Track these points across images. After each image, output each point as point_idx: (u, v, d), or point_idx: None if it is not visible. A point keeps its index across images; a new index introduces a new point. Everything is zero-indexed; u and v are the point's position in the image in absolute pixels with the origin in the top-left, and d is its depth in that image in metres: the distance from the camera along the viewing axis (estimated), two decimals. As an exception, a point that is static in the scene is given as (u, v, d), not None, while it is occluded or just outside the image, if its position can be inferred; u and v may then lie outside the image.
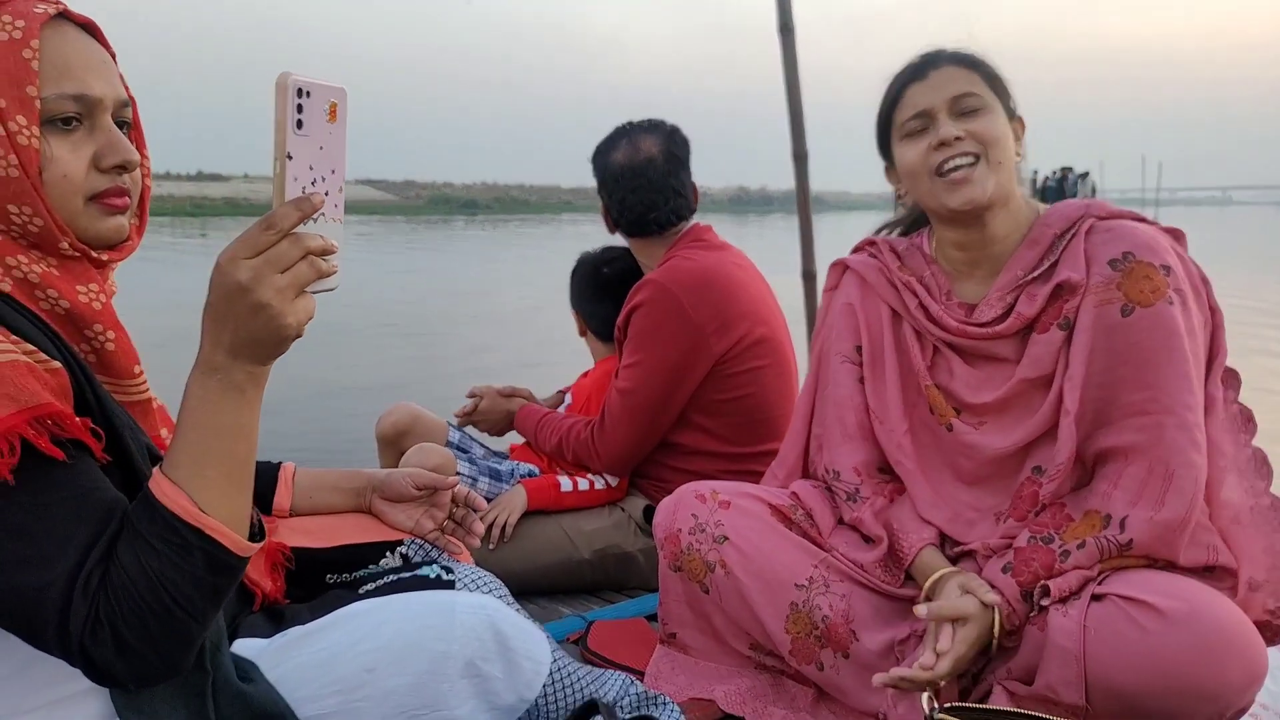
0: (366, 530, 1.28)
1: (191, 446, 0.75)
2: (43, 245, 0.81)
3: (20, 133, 0.77)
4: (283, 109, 0.72)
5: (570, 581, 1.86)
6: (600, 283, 2.05)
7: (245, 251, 0.71)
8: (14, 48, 0.77)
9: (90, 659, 0.72)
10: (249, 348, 0.73)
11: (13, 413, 0.69)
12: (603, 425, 1.83)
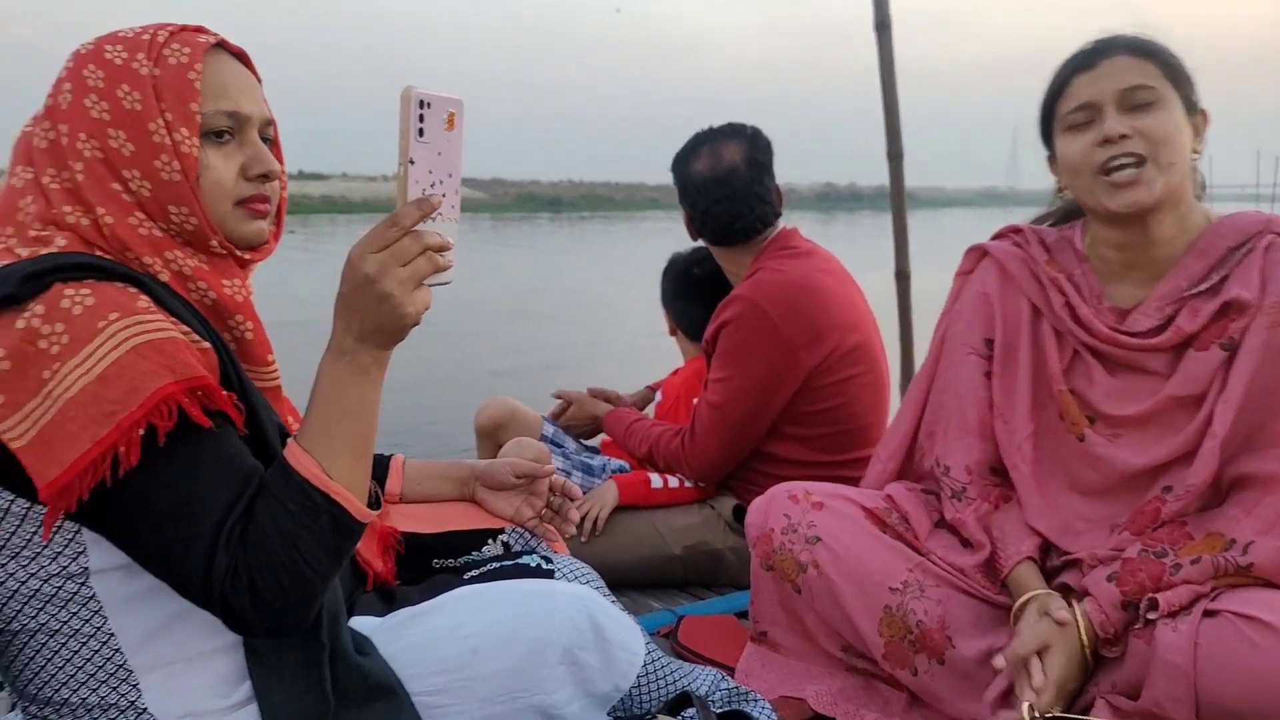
0: (470, 517, 1.33)
1: (321, 420, 0.83)
2: (195, 243, 0.90)
3: (183, 143, 0.86)
4: (406, 118, 0.79)
5: (660, 576, 1.89)
6: (690, 282, 2.06)
7: (372, 247, 0.79)
8: (181, 71, 0.87)
9: (229, 607, 0.78)
10: (374, 334, 0.81)
11: (171, 382, 0.76)
12: (693, 436, 1.85)
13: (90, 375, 0.74)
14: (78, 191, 0.85)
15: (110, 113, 0.85)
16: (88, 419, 0.74)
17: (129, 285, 0.80)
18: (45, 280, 0.76)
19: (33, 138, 0.88)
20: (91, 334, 0.75)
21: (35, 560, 0.81)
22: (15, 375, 0.74)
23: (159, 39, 0.88)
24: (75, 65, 0.88)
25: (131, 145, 0.86)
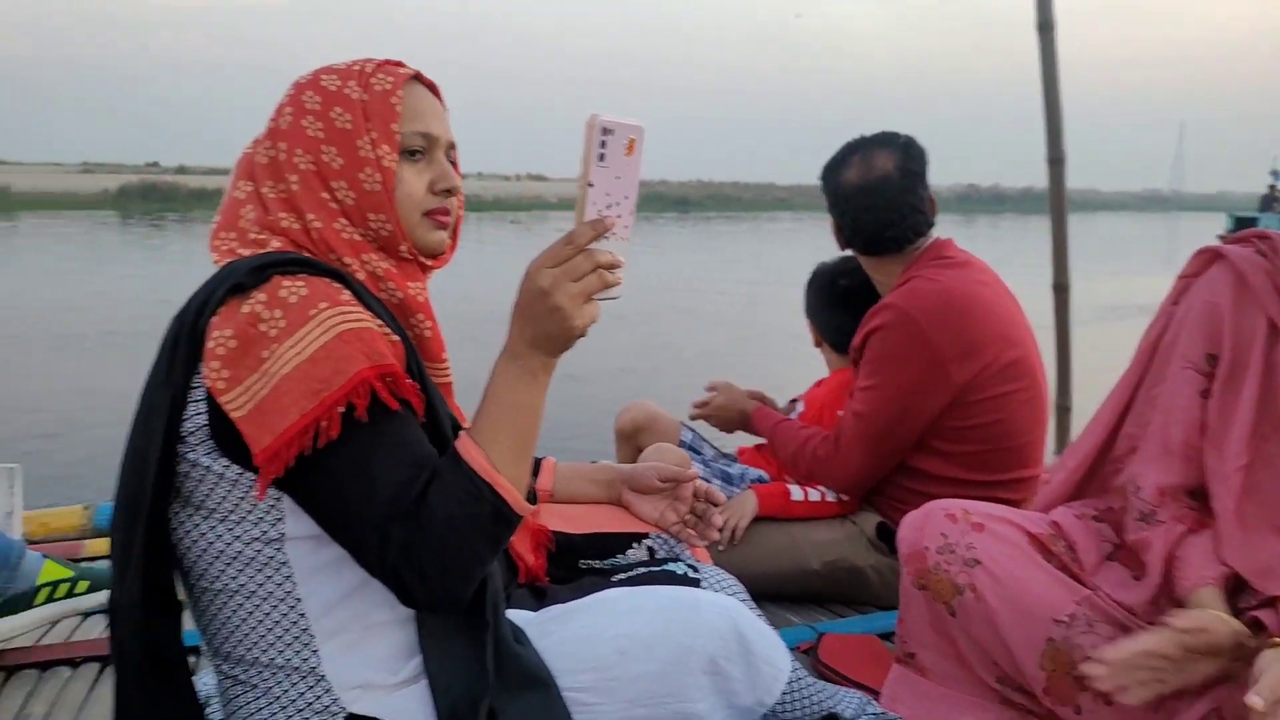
0: (616, 520, 1.35)
1: (491, 416, 0.89)
2: (387, 247, 0.99)
3: (384, 158, 0.97)
4: (589, 143, 0.85)
5: (797, 590, 1.86)
6: (837, 293, 2.02)
7: (549, 262, 0.85)
8: (385, 96, 0.98)
9: (400, 578, 0.84)
10: (544, 342, 0.87)
11: (368, 366, 0.84)
12: (837, 445, 1.81)
13: (302, 355, 0.82)
14: (292, 200, 0.96)
15: (324, 131, 0.96)
16: (298, 394, 0.82)
17: (334, 280, 0.89)
18: (266, 272, 0.86)
19: (255, 156, 1.00)
20: (304, 320, 0.84)
21: (240, 524, 0.90)
22: (239, 353, 0.83)
23: (367, 69, 0.99)
24: (295, 92, 1.00)
25: (341, 159, 0.96)
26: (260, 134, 1.02)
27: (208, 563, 0.92)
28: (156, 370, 0.90)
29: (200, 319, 0.87)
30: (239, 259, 0.91)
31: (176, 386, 0.87)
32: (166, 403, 0.87)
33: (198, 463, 0.88)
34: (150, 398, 0.89)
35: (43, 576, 1.50)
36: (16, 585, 1.46)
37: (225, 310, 0.86)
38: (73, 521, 2.38)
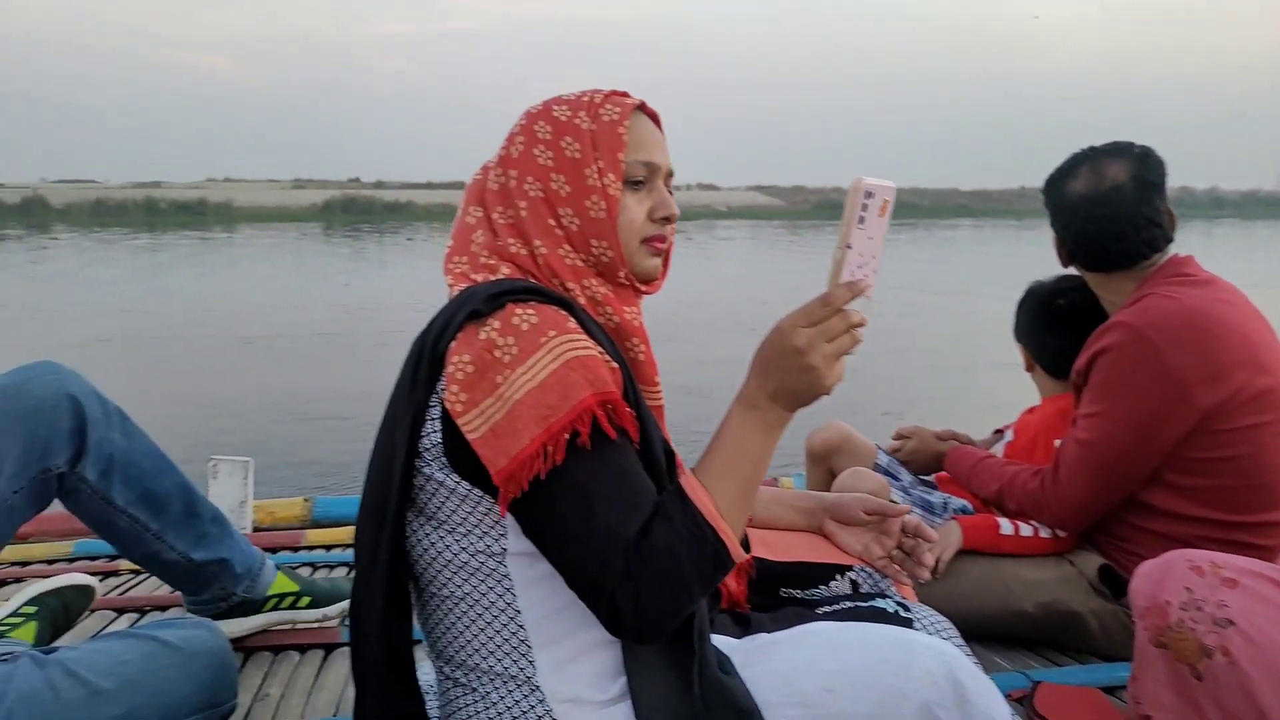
0: (818, 550, 1.31)
1: (721, 461, 0.91)
2: (607, 273, 1.02)
3: (610, 186, 1.00)
4: (852, 207, 0.86)
5: (1005, 632, 1.73)
6: (1054, 314, 1.87)
7: (804, 321, 0.87)
8: (613, 126, 1.02)
9: (614, 605, 0.85)
10: (787, 397, 0.90)
11: (590, 394, 0.87)
12: (1055, 477, 1.67)
13: (534, 382, 0.86)
14: (520, 226, 1.00)
15: (554, 160, 1.00)
16: (529, 419, 0.85)
17: (561, 307, 0.92)
18: (500, 300, 0.90)
19: (486, 182, 1.05)
20: (535, 347, 0.87)
21: (466, 536, 0.94)
22: (476, 378, 0.87)
23: (595, 100, 1.03)
24: (527, 122, 1.04)
25: (568, 187, 1.00)
26: (491, 161, 1.07)
27: (436, 570, 0.97)
28: (400, 387, 0.95)
29: (440, 342, 0.91)
30: (474, 285, 0.96)
31: (417, 404, 0.92)
32: (408, 419, 0.92)
33: (432, 476, 0.93)
34: (394, 412, 0.95)
35: (273, 588, 1.64)
36: (251, 594, 1.60)
37: (463, 336, 0.90)
38: (295, 512, 2.61)
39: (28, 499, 1.30)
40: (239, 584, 1.57)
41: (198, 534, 1.50)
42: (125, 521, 1.42)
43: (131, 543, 1.46)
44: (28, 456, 1.28)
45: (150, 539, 1.45)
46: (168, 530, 1.46)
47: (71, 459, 1.34)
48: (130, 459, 1.41)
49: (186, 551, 1.49)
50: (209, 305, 13.03)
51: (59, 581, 1.62)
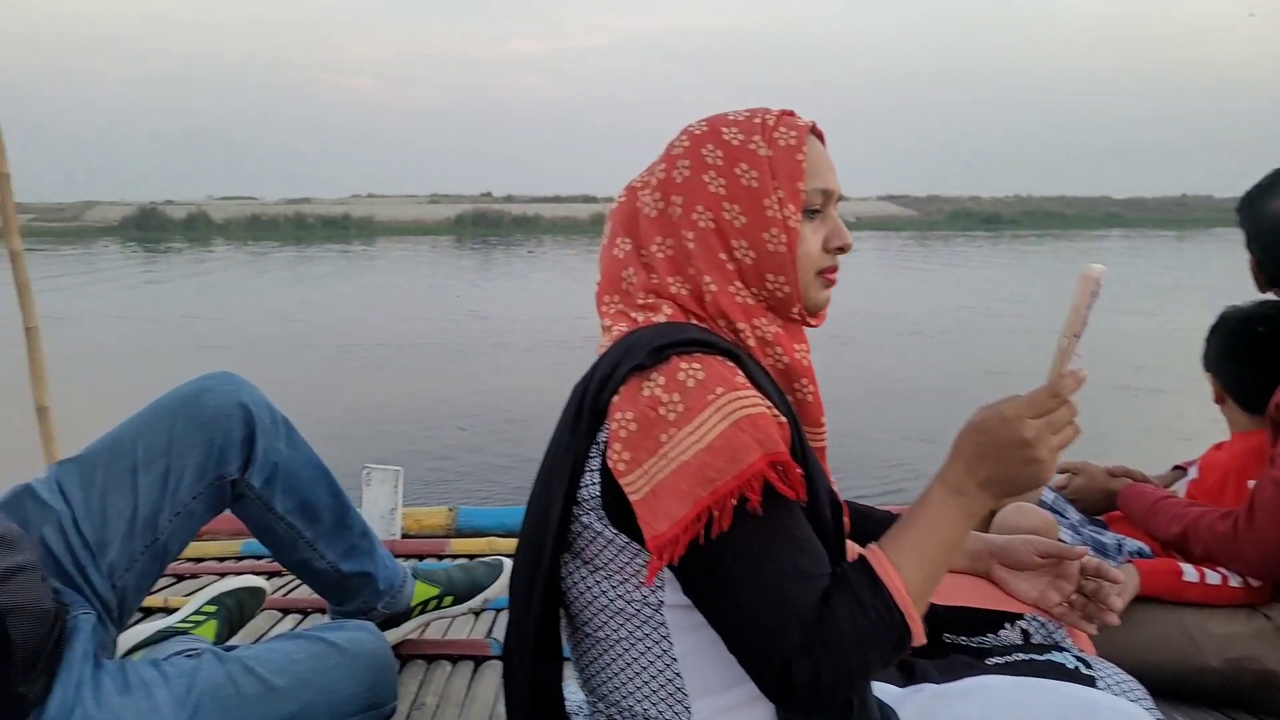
0: (985, 595, 1.23)
1: (916, 542, 0.87)
2: (778, 309, 0.97)
3: (790, 218, 0.94)
4: (1082, 295, 0.86)
5: (1187, 688, 1.58)
6: (1251, 342, 1.71)
7: (1031, 411, 0.84)
8: (791, 152, 0.95)
9: (788, 679, 0.81)
10: (1001, 487, 0.86)
11: (760, 457, 0.81)
12: (1251, 520, 1.52)
13: (701, 443, 0.81)
14: (683, 259, 0.95)
15: (727, 188, 0.94)
16: (694, 482, 0.81)
17: (728, 359, 0.87)
18: (665, 353, 0.86)
19: (640, 208, 0.99)
20: (702, 405, 0.82)
21: (624, 584, 0.91)
22: (639, 436, 0.83)
23: (768, 122, 0.97)
24: (692, 145, 0.97)
25: (744, 218, 0.94)
26: (639, 182, 1.01)
27: (592, 613, 0.95)
28: (560, 435, 0.93)
29: (603, 394, 0.88)
30: (636, 329, 0.92)
31: (576, 454, 0.90)
32: (567, 468, 0.90)
33: (590, 525, 0.91)
34: (552, 460, 0.93)
35: (416, 598, 1.69)
36: (393, 608, 1.65)
37: (626, 390, 0.86)
38: (440, 521, 2.70)
39: (206, 504, 1.38)
40: (380, 599, 1.62)
41: (347, 545, 1.55)
42: (282, 528, 1.48)
43: (286, 549, 1.52)
44: (205, 464, 1.36)
45: (303, 546, 1.51)
46: (319, 539, 1.51)
47: (242, 466, 1.41)
48: (292, 468, 1.46)
49: (335, 562, 1.54)
50: (348, 313, 13.77)
51: (235, 583, 1.73)
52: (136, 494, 1.29)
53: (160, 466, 1.32)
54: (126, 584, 1.28)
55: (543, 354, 9.81)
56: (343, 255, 29.90)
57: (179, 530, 1.35)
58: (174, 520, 1.33)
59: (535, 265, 25.83)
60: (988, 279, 18.07)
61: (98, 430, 1.37)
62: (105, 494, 1.28)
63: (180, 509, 1.34)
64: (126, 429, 1.34)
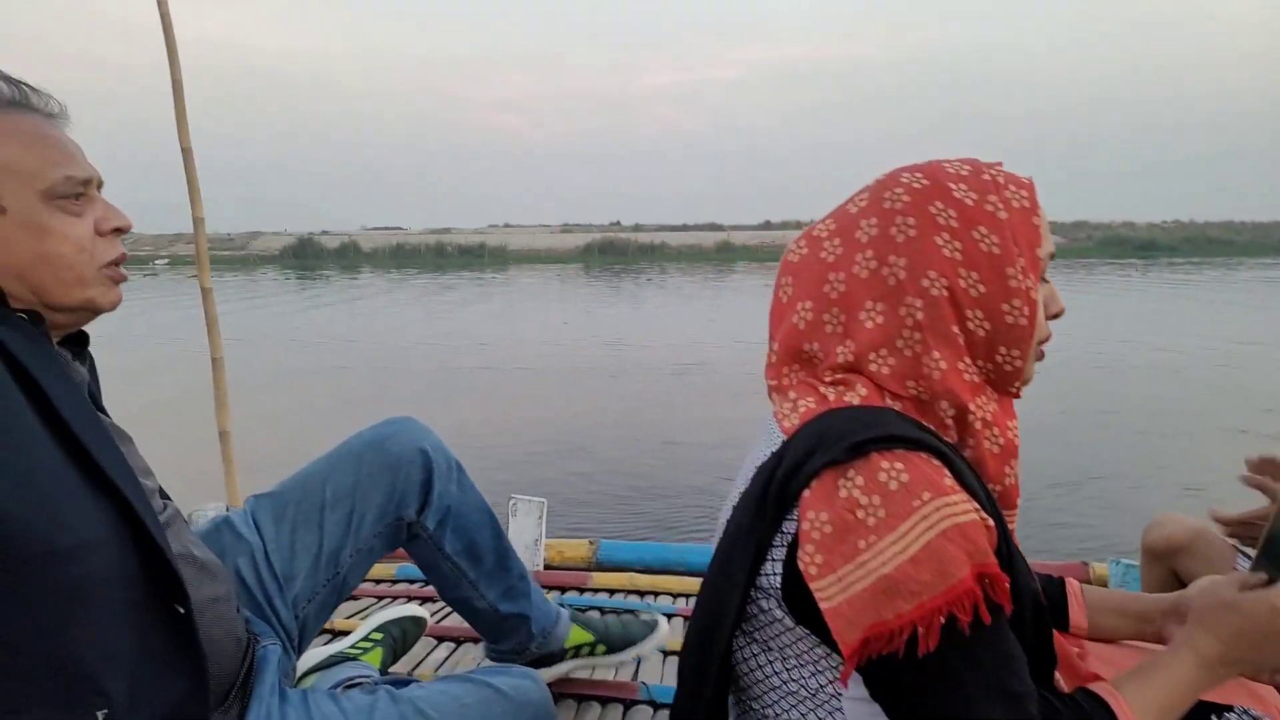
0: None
1: (1159, 699, 0.86)
2: (997, 384, 0.90)
3: (1031, 289, 0.87)
4: None
5: None
6: None
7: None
8: (1027, 215, 0.89)
9: None
10: (1249, 667, 0.89)
11: (970, 573, 0.75)
12: None
13: (905, 554, 0.75)
14: (900, 328, 0.86)
15: (963, 253, 0.86)
16: (896, 595, 0.75)
17: (934, 457, 0.80)
18: (864, 449, 0.79)
19: (823, 261, 0.91)
20: (906, 512, 0.76)
21: (800, 669, 0.88)
22: (834, 540, 0.78)
23: (998, 180, 0.90)
24: (915, 200, 0.88)
25: (983, 287, 0.86)
26: (823, 233, 0.93)
27: (762, 691, 0.92)
28: (741, 518, 0.89)
29: (791, 483, 0.83)
30: (830, 414, 0.85)
31: (760, 542, 0.86)
32: (749, 554, 0.86)
33: (769, 610, 0.88)
34: (732, 543, 0.89)
35: (570, 640, 1.73)
36: (546, 648, 1.69)
37: (819, 486, 0.80)
38: (581, 554, 2.74)
39: (384, 542, 1.46)
40: (533, 640, 1.66)
41: (506, 586, 1.60)
42: (449, 567, 1.55)
43: (450, 587, 1.58)
44: (386, 505, 1.44)
45: (466, 585, 1.57)
46: (481, 580, 1.58)
47: (419, 508, 1.48)
48: (461, 511, 1.53)
49: (495, 602, 1.60)
50: (484, 336, 14.29)
51: (398, 612, 1.81)
52: (323, 531, 1.37)
53: (346, 507, 1.40)
54: (308, 615, 1.36)
55: (661, 379, 9.83)
56: (475, 281, 31.17)
57: (358, 566, 1.43)
58: (354, 556, 1.41)
59: (658, 290, 26.12)
60: (1125, 309, 16.97)
61: (268, 450, 1.46)
62: (295, 529, 1.36)
63: (361, 546, 1.41)
64: (316, 469, 1.43)
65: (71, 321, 0.99)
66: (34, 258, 0.92)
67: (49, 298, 0.95)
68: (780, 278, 0.96)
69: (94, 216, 0.98)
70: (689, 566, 2.67)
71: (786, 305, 0.93)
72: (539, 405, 8.67)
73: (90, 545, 0.86)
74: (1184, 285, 25.01)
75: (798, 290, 0.92)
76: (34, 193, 0.92)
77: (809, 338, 0.90)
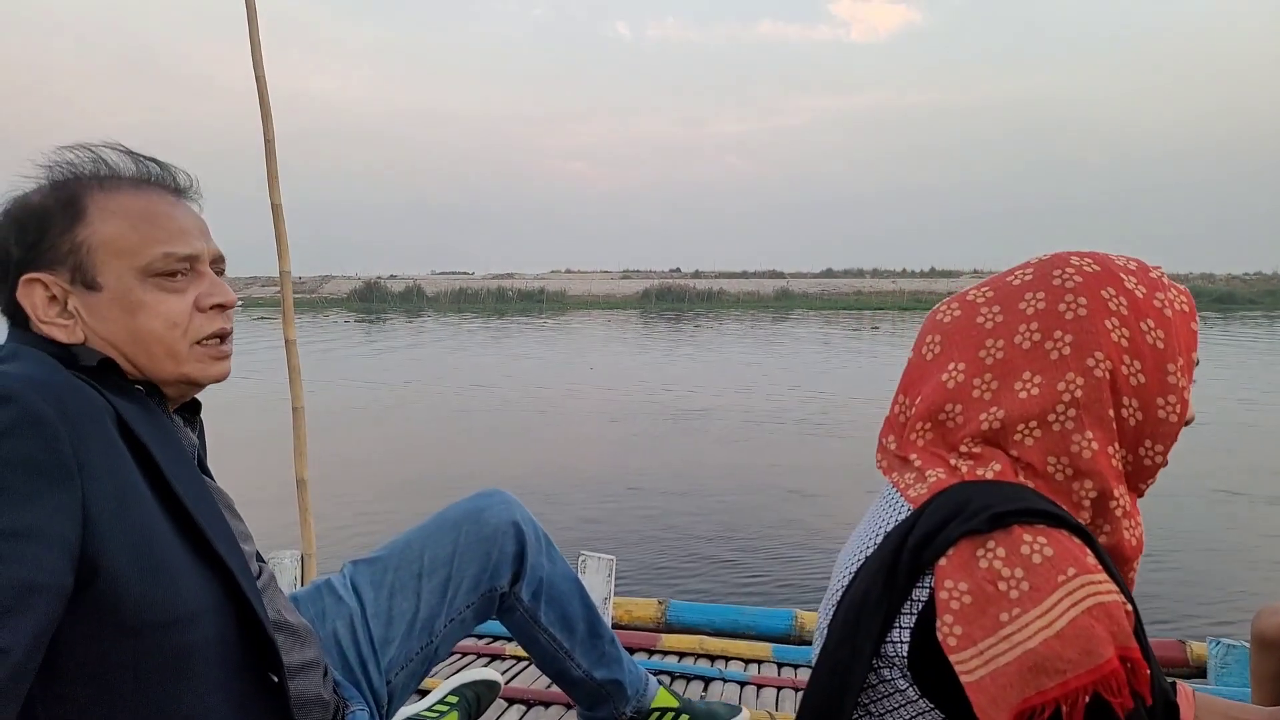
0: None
1: None
2: (1132, 479, 0.89)
3: (1185, 388, 0.88)
4: None
5: None
6: None
7: None
8: (1187, 319, 0.90)
9: None
10: None
11: (1115, 652, 0.74)
12: None
13: (1050, 630, 0.74)
14: (1054, 403, 0.85)
15: (1130, 341, 0.87)
16: (1041, 671, 0.74)
17: (1076, 535, 0.80)
18: (1006, 521, 0.79)
19: (980, 327, 0.90)
20: (1051, 587, 0.75)
21: None
22: (975, 611, 0.77)
23: (1164, 280, 0.91)
24: (1087, 283, 0.88)
25: (1143, 377, 0.87)
26: (980, 299, 0.92)
27: None
28: (869, 588, 0.87)
29: (924, 552, 0.82)
30: (964, 486, 0.85)
31: (889, 612, 0.85)
32: (876, 624, 0.85)
33: (891, 680, 0.86)
34: (857, 614, 0.87)
35: (655, 702, 1.72)
36: (640, 705, 1.69)
37: (957, 555, 0.80)
38: (650, 613, 2.71)
39: (476, 612, 1.48)
40: (628, 705, 1.66)
41: (599, 653, 1.62)
42: (545, 639, 1.57)
43: (548, 658, 1.60)
44: (480, 576, 1.46)
45: (563, 656, 1.59)
46: (576, 649, 1.59)
47: (511, 580, 1.50)
48: (553, 581, 1.56)
49: (590, 670, 1.61)
50: (534, 379, 14.40)
51: (473, 675, 1.82)
52: (419, 598, 1.39)
53: (443, 575, 1.42)
54: (398, 682, 1.37)
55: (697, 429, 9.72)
56: (527, 326, 31.60)
57: (451, 634, 1.44)
58: (448, 625, 1.42)
59: (713, 335, 26.11)
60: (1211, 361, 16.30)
61: (338, 493, 1.47)
62: (393, 595, 1.38)
63: (455, 615, 1.43)
64: (414, 537, 1.45)
65: (175, 394, 1.01)
66: (127, 334, 0.95)
67: (147, 372, 0.97)
68: (926, 335, 0.95)
69: (197, 292, 0.98)
70: (759, 631, 2.62)
71: (932, 363, 0.92)
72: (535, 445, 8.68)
73: (196, 614, 0.88)
74: (1255, 338, 24.01)
75: (948, 351, 0.91)
76: (131, 270, 0.94)
77: (955, 399, 0.89)
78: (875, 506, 0.97)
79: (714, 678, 2.30)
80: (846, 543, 1.01)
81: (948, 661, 0.79)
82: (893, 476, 0.94)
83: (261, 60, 2.94)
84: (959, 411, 0.89)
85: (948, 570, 0.79)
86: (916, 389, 0.94)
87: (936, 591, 0.80)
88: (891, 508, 0.92)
